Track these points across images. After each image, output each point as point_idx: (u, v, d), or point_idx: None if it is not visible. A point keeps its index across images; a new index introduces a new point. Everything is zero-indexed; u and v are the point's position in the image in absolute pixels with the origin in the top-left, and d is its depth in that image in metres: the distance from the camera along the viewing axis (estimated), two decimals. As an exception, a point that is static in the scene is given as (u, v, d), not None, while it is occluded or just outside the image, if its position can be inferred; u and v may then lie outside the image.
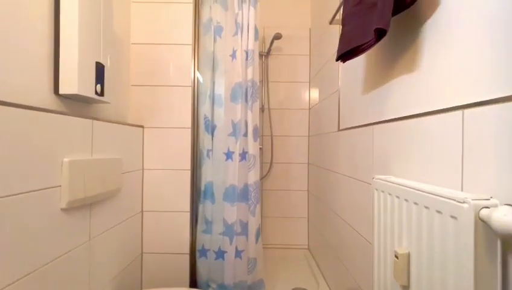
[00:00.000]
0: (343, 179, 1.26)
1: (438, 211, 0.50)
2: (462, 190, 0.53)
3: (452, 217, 0.46)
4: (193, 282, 1.44)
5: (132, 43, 1.39)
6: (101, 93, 0.98)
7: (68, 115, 0.85)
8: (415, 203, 0.58)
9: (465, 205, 0.44)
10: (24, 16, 0.76)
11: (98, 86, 0.96)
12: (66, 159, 0.82)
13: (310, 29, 2.13)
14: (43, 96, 0.83)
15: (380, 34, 0.66)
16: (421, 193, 0.56)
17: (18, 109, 0.66)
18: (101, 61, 0.98)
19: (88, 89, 0.92)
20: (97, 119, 1.00)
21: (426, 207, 0.54)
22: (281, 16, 2.14)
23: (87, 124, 0.94)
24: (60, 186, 0.81)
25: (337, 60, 0.90)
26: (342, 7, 0.98)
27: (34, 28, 0.79)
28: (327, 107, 1.58)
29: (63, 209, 0.82)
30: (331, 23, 1.20)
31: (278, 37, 1.92)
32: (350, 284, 1.15)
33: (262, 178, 2.11)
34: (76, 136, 0.89)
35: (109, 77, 1.04)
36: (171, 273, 1.40)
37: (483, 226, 0.42)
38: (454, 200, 0.46)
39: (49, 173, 0.77)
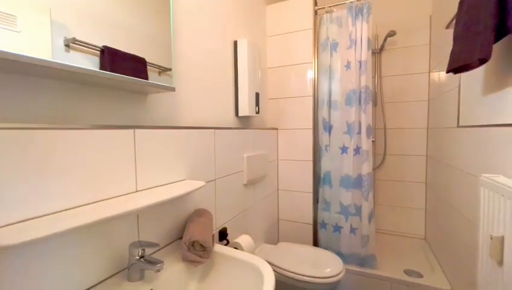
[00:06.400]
0: (461, 175, 1.32)
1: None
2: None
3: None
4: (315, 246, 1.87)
5: (268, 68, 1.89)
6: (258, 112, 1.52)
7: (243, 128, 1.41)
8: (509, 199, 0.73)
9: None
10: (226, 79, 1.34)
11: (257, 107, 1.50)
12: (245, 155, 1.40)
13: (430, 16, 2.04)
14: (231, 119, 1.42)
15: (482, 60, 0.80)
16: (513, 191, 0.71)
17: (228, 130, 1.24)
18: (258, 91, 1.50)
19: (252, 111, 1.46)
20: (255, 128, 1.55)
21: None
22: (396, 8, 2.14)
23: (252, 133, 1.50)
24: (243, 171, 1.39)
25: (447, 72, 1.03)
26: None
27: (228, 83, 1.37)
28: (447, 102, 1.58)
29: (244, 185, 1.41)
30: (447, 27, 1.26)
31: (391, 34, 1.99)
32: (470, 279, 1.22)
33: (375, 168, 2.27)
34: (248, 141, 1.45)
35: (261, 99, 1.56)
36: (298, 237, 1.89)
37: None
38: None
39: (239, 163, 1.35)
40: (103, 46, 0.63)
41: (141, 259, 0.67)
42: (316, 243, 1.87)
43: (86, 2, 0.60)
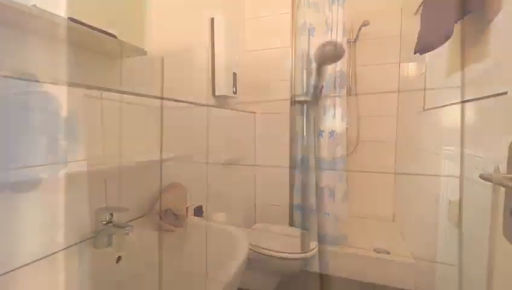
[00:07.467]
0: (425, 156, 1.41)
1: (476, 168, 0.73)
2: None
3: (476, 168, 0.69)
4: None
5: (247, 51, 1.88)
6: (235, 92, 1.50)
7: (220, 108, 1.39)
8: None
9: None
10: (203, 56, 1.31)
11: (234, 88, 1.48)
12: (222, 135, 1.38)
13: (401, 9, 2.13)
14: (209, 97, 1.39)
15: (446, 36, 0.86)
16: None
17: (205, 107, 1.22)
18: (235, 71, 1.49)
19: (229, 91, 1.44)
20: (234, 110, 1.54)
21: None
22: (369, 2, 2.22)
23: (229, 113, 1.49)
24: (220, 150, 1.38)
25: (414, 53, 1.09)
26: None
27: (205, 61, 1.34)
28: (415, 88, 1.67)
29: (221, 164, 1.39)
30: (416, 13, 1.33)
31: (365, 24, 2.05)
32: (431, 253, 1.30)
33: (348, 155, 2.35)
34: (225, 120, 1.43)
35: (239, 83, 1.55)
36: (274, 220, 1.91)
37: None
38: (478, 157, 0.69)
39: (216, 142, 1.33)
40: (69, 17, 0.58)
41: (108, 224, 0.63)
42: (291, 225, 1.91)
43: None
